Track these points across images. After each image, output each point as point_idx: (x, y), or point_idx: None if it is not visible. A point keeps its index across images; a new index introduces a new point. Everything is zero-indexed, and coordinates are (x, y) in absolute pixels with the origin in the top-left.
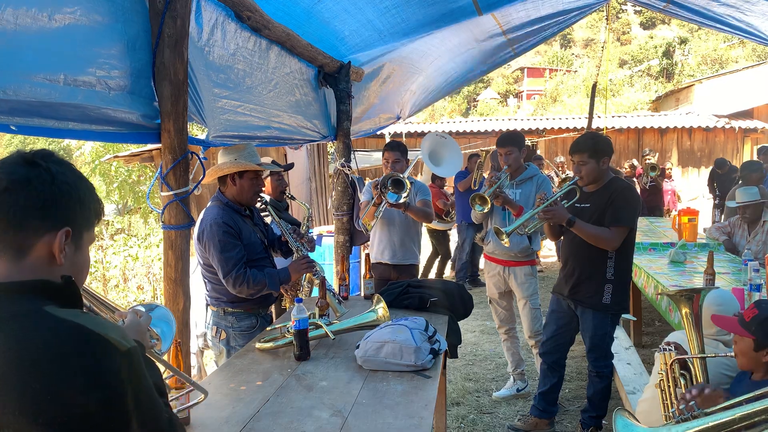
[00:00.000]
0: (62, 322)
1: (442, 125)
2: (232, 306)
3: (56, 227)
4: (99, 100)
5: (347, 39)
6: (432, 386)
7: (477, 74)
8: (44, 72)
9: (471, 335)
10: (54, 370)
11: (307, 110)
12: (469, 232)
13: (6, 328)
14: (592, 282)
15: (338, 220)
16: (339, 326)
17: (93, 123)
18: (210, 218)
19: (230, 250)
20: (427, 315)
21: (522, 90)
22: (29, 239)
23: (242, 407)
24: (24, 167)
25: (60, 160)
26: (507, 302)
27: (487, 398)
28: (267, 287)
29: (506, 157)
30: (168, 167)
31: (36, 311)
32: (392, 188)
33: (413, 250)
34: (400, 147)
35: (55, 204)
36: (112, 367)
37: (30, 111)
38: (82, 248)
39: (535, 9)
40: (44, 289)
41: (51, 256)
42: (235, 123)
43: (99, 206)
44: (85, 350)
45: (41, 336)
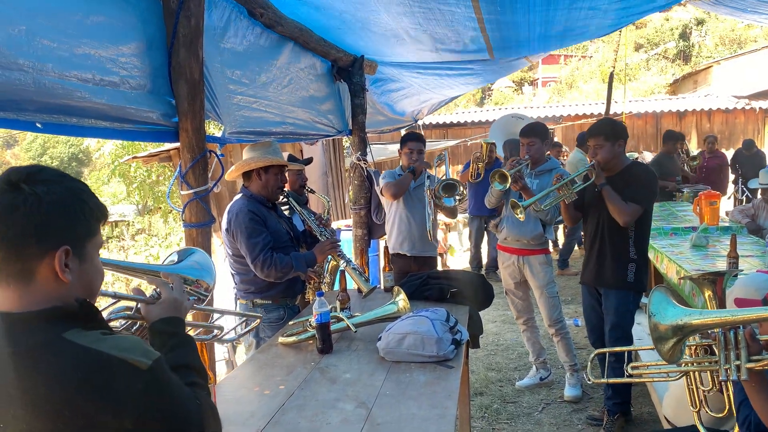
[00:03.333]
0: (83, 350)
1: (457, 115)
2: (261, 297)
3: (54, 248)
4: (123, 99)
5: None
6: (455, 376)
7: (490, 81)
8: (76, 71)
9: (492, 325)
10: (82, 399)
11: (322, 105)
12: (473, 223)
13: (28, 361)
14: (617, 262)
15: (356, 213)
16: (360, 319)
17: (114, 121)
18: (236, 208)
19: (257, 236)
20: (448, 306)
21: (537, 77)
22: (30, 264)
23: (267, 401)
24: (9, 194)
25: (47, 178)
26: (523, 292)
27: (511, 387)
28: (294, 269)
29: (528, 147)
30: (187, 166)
31: (55, 341)
32: (446, 193)
33: (431, 242)
34: (421, 138)
35: (47, 226)
36: (136, 388)
37: (56, 109)
38: (89, 258)
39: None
40: (61, 316)
41: (57, 276)
42: (250, 119)
43: (99, 210)
44: (108, 377)
45: (65, 367)
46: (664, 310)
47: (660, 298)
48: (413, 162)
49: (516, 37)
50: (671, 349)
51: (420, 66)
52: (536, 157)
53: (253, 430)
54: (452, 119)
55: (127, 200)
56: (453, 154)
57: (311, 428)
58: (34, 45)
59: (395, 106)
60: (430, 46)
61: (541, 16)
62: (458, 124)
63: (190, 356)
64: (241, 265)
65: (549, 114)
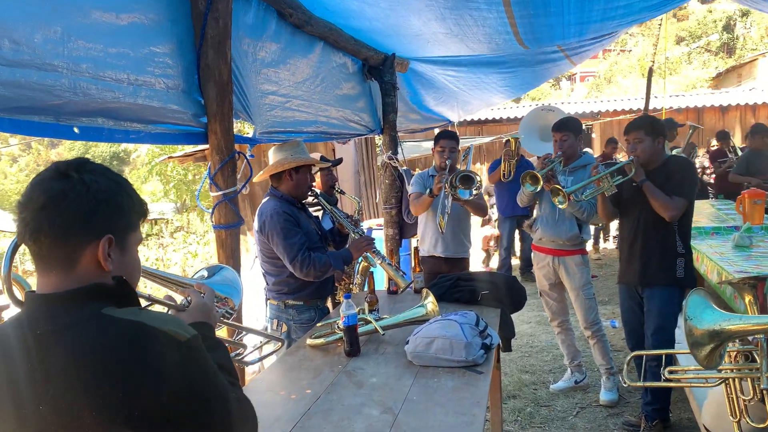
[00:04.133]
0: (121, 322)
1: (492, 111)
2: (292, 298)
3: (98, 236)
4: (157, 98)
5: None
6: (484, 382)
7: (530, 84)
8: (111, 71)
9: (527, 326)
10: (121, 369)
11: (354, 104)
12: (505, 225)
13: (69, 336)
14: (665, 258)
15: (387, 213)
16: (388, 321)
17: (150, 123)
18: (269, 209)
19: (293, 237)
20: (479, 308)
21: (575, 72)
22: (75, 251)
23: (293, 405)
24: (59, 182)
25: (94, 168)
26: (558, 294)
27: (545, 391)
28: (332, 267)
29: (561, 143)
30: (216, 168)
31: (94, 315)
32: (462, 185)
33: (464, 243)
34: (455, 136)
35: (94, 214)
36: (176, 359)
37: (92, 111)
38: (129, 250)
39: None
40: (98, 292)
41: (98, 264)
42: (282, 119)
43: (141, 206)
44: (148, 347)
45: (104, 339)
46: (702, 313)
47: (697, 301)
48: (444, 161)
49: (548, 26)
50: (708, 355)
51: (453, 62)
52: (569, 153)
53: None
54: (487, 115)
55: (166, 198)
56: (488, 151)
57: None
58: (70, 46)
59: (429, 106)
60: (461, 45)
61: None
62: (493, 120)
63: (222, 358)
64: (274, 266)
65: (586, 109)
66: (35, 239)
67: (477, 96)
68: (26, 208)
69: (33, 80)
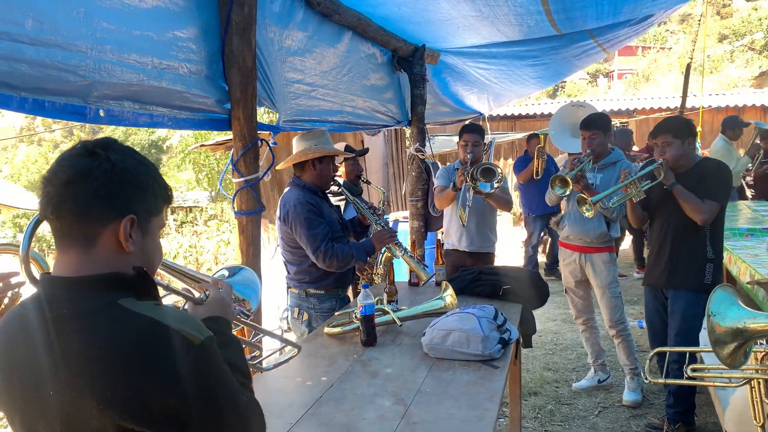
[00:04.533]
0: (137, 317)
1: (526, 107)
2: (314, 287)
3: (120, 215)
4: (181, 83)
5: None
6: (499, 377)
7: (561, 74)
8: (135, 53)
9: (552, 324)
10: (132, 366)
11: (382, 95)
12: (536, 224)
13: (82, 324)
14: (693, 262)
15: (413, 205)
16: (406, 313)
17: (173, 108)
18: (293, 199)
19: (316, 227)
20: (500, 303)
21: (613, 69)
22: (95, 229)
23: (306, 392)
24: (85, 158)
25: (121, 148)
26: (584, 291)
27: (567, 389)
28: (355, 258)
29: (590, 140)
30: (238, 154)
31: (111, 305)
32: (483, 178)
33: (490, 237)
34: (479, 129)
35: (118, 192)
36: (188, 361)
37: (117, 94)
38: (151, 234)
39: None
40: (117, 282)
41: (119, 244)
42: (306, 108)
43: (165, 191)
44: (161, 346)
45: (118, 332)
46: (726, 310)
47: (722, 297)
48: (467, 154)
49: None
50: (732, 354)
51: (483, 53)
52: (598, 151)
53: (288, 421)
54: (520, 111)
55: (199, 187)
56: (520, 147)
57: (346, 423)
58: (93, 27)
59: (460, 98)
60: (491, 29)
61: None
62: (526, 116)
63: (236, 356)
64: (296, 256)
65: (622, 107)
66: (58, 215)
67: (509, 88)
68: (51, 183)
69: (58, 60)
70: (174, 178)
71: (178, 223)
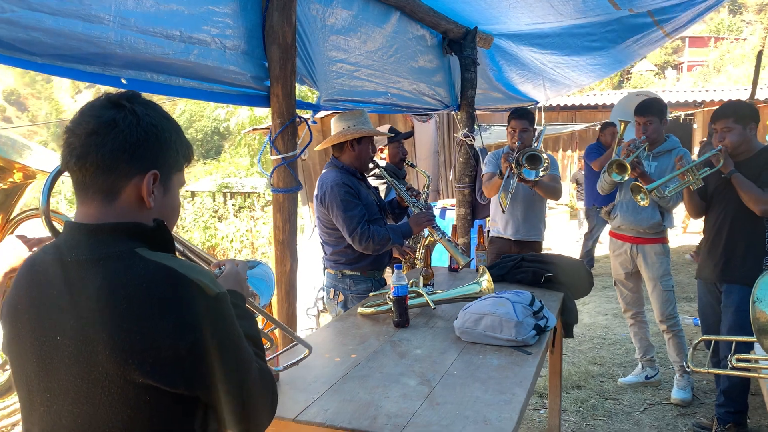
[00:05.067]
0: (153, 265)
1: (587, 97)
2: (350, 269)
3: (144, 170)
4: (213, 58)
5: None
6: (531, 363)
7: (621, 62)
8: (161, 26)
9: (602, 318)
10: (144, 311)
11: (430, 78)
12: (600, 217)
13: (98, 269)
14: (750, 256)
15: (459, 192)
16: (441, 296)
17: (203, 81)
18: (330, 180)
19: (352, 209)
20: (540, 291)
21: (682, 61)
22: (118, 182)
23: (333, 368)
24: (110, 109)
25: (146, 102)
26: (634, 284)
27: (612, 384)
28: (391, 241)
29: (644, 126)
30: (276, 131)
31: (128, 253)
32: (528, 164)
33: (538, 226)
34: (528, 115)
35: (142, 146)
36: (201, 311)
37: (143, 65)
38: (172, 191)
39: None
40: (136, 231)
41: (140, 199)
42: (349, 88)
43: (187, 149)
44: (175, 293)
45: (133, 277)
46: None
47: None
48: (515, 142)
49: None
50: None
51: (538, 34)
52: (654, 137)
53: (311, 395)
54: (582, 101)
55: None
56: (581, 139)
57: (368, 400)
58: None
59: (514, 85)
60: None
61: None
62: (588, 106)
63: (250, 329)
64: (332, 237)
65: (689, 99)
66: (80, 166)
67: (566, 75)
68: (74, 134)
69: (78, 31)
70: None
71: (236, 208)
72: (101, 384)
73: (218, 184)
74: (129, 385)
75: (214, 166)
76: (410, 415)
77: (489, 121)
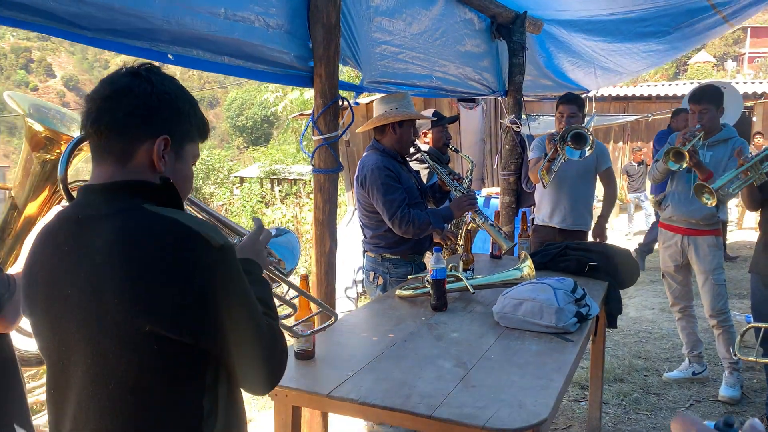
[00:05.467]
0: (160, 218)
1: (641, 88)
2: (390, 252)
3: (155, 134)
4: (256, 36)
5: None
6: (572, 350)
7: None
8: (207, 5)
9: (649, 312)
10: (150, 262)
11: (477, 62)
12: None
13: (108, 223)
14: None
15: (504, 179)
16: (480, 281)
17: (247, 60)
18: (371, 163)
19: (393, 193)
20: (584, 280)
21: (743, 52)
22: (131, 145)
23: (368, 348)
24: (126, 77)
25: (163, 74)
26: (684, 276)
27: (657, 378)
28: (432, 225)
29: (699, 115)
30: (319, 112)
31: (135, 208)
32: (573, 143)
33: (585, 216)
34: (578, 100)
35: (155, 111)
36: (206, 261)
37: (189, 42)
38: (184, 159)
39: None
40: (143, 188)
41: (152, 163)
42: (393, 70)
43: (201, 122)
44: (180, 244)
45: (140, 229)
46: None
47: None
48: (562, 127)
49: None
50: None
51: (589, 23)
52: (709, 126)
53: (345, 372)
54: (635, 92)
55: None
56: (632, 130)
57: (402, 379)
58: None
59: (564, 72)
60: None
61: None
62: (641, 97)
63: (263, 293)
64: (372, 220)
65: (749, 90)
66: (95, 129)
67: (619, 63)
68: (92, 100)
69: (127, 5)
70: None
71: (282, 195)
72: (111, 333)
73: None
74: (137, 333)
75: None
76: (444, 395)
77: (537, 110)
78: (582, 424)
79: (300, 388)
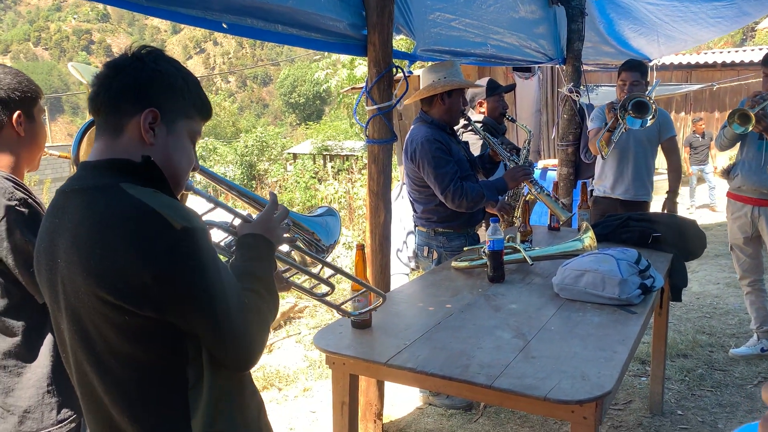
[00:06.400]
0: (129, 198)
1: (705, 55)
2: (442, 226)
3: (144, 108)
4: (310, 4)
5: None
6: (635, 322)
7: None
8: None
9: (714, 287)
10: (112, 239)
11: (533, 29)
12: None
13: (83, 198)
14: None
15: (562, 150)
16: (539, 252)
17: (301, 28)
18: (420, 136)
19: (444, 166)
20: (648, 252)
21: None
22: (122, 120)
23: (425, 318)
24: (124, 58)
25: (163, 56)
26: (754, 249)
27: (722, 354)
28: (485, 198)
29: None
30: (372, 81)
31: (111, 186)
32: (634, 112)
33: (647, 186)
34: (641, 67)
35: (146, 87)
36: (165, 244)
37: (242, 10)
38: (178, 135)
39: None
40: (124, 167)
41: (141, 136)
42: (446, 38)
43: (201, 102)
44: (140, 226)
45: (108, 207)
46: None
47: None
48: (623, 96)
49: None
50: None
51: None
52: None
53: (403, 341)
54: (698, 59)
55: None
56: (696, 100)
57: (461, 349)
58: None
59: (626, 39)
60: None
61: None
62: (705, 65)
63: (262, 271)
64: (422, 194)
65: None
66: (93, 106)
67: (683, 30)
68: (95, 81)
69: None
70: (333, 128)
71: (335, 171)
72: (86, 303)
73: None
74: (106, 305)
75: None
76: (504, 366)
77: (597, 81)
78: (643, 399)
79: (357, 356)
